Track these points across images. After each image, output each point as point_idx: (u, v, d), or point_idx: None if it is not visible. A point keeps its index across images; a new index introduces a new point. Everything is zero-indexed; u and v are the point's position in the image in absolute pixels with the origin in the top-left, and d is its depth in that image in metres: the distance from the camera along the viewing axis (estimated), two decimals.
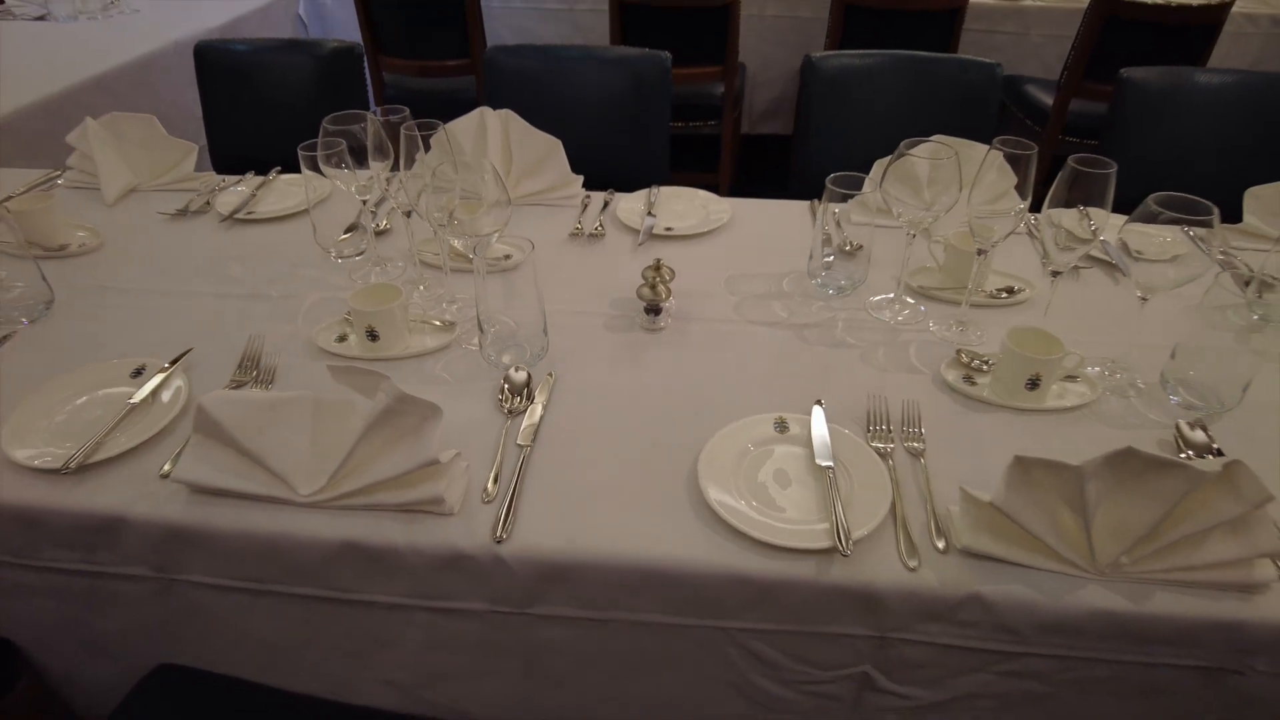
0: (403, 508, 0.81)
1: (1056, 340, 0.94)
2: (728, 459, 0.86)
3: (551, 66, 1.81)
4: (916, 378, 1.00)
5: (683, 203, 1.41)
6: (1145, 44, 2.53)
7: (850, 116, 1.77)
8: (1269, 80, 1.72)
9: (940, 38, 2.61)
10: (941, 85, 1.78)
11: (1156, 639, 0.75)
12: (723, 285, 1.19)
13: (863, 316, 1.12)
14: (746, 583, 0.77)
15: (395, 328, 1.04)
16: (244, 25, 2.78)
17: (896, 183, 1.13)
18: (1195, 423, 0.92)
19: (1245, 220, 1.32)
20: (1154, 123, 1.73)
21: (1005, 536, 0.75)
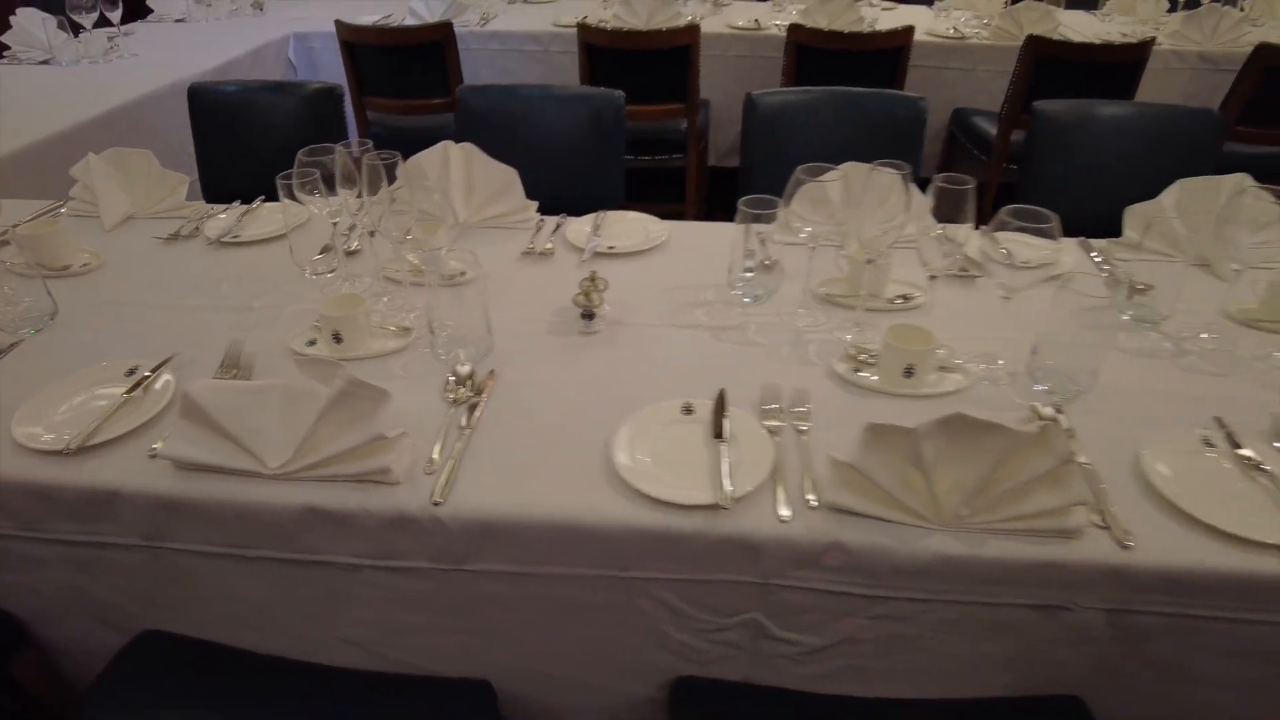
0: (355, 477, 0.95)
1: (930, 335, 1.09)
2: (638, 434, 1.00)
3: (515, 105, 1.98)
4: (812, 370, 1.15)
5: (626, 225, 1.56)
6: (1078, 79, 2.73)
7: (790, 148, 1.94)
8: (1165, 111, 1.90)
9: (888, 74, 2.79)
10: (874, 118, 1.95)
11: (994, 580, 0.89)
12: (654, 295, 1.34)
13: (773, 321, 1.27)
14: (647, 535, 0.90)
15: (358, 332, 1.18)
16: (236, 67, 2.96)
17: (807, 204, 1.29)
18: (1053, 405, 1.07)
19: (1125, 234, 1.47)
20: (1065, 150, 1.90)
21: (863, 493, 0.89)
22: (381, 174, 1.25)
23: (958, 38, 3.11)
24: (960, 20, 3.33)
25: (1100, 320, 1.25)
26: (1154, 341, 1.25)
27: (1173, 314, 1.27)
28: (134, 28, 3.31)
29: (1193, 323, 1.27)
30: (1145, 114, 1.91)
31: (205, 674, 1.08)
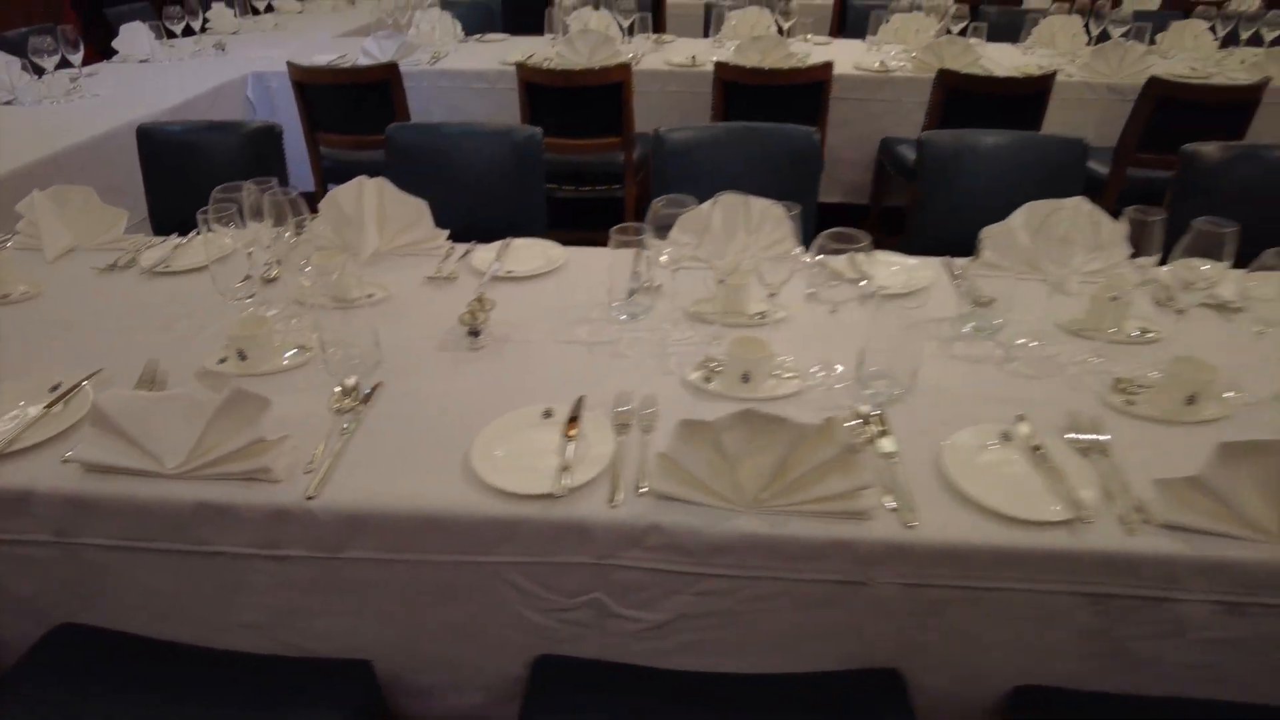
0: (240, 475, 1.07)
1: (764, 345, 1.23)
2: (498, 435, 1.13)
3: (440, 141, 2.12)
4: (669, 379, 1.28)
5: (529, 251, 1.70)
6: (989, 109, 2.90)
7: (695, 181, 2.07)
8: (1037, 139, 2.06)
9: (811, 107, 2.96)
10: (773, 151, 2.10)
11: (794, 556, 1.01)
12: (542, 314, 1.47)
13: (645, 337, 1.40)
14: (494, 522, 1.03)
15: (261, 350, 1.31)
16: (195, 106, 3.10)
17: (687, 233, 1.43)
18: (875, 405, 1.20)
19: (982, 255, 1.62)
20: (950, 176, 2.06)
21: (680, 480, 1.02)
22: (286, 209, 1.38)
23: (883, 71, 3.29)
24: (890, 54, 3.51)
25: (936, 331, 1.39)
26: (987, 349, 1.38)
27: (1008, 324, 1.41)
28: (98, 68, 3.45)
29: (1026, 332, 1.41)
30: (1021, 142, 2.07)
31: (114, 662, 1.19)
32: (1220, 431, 1.17)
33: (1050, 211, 1.60)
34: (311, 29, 4.40)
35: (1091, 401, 1.24)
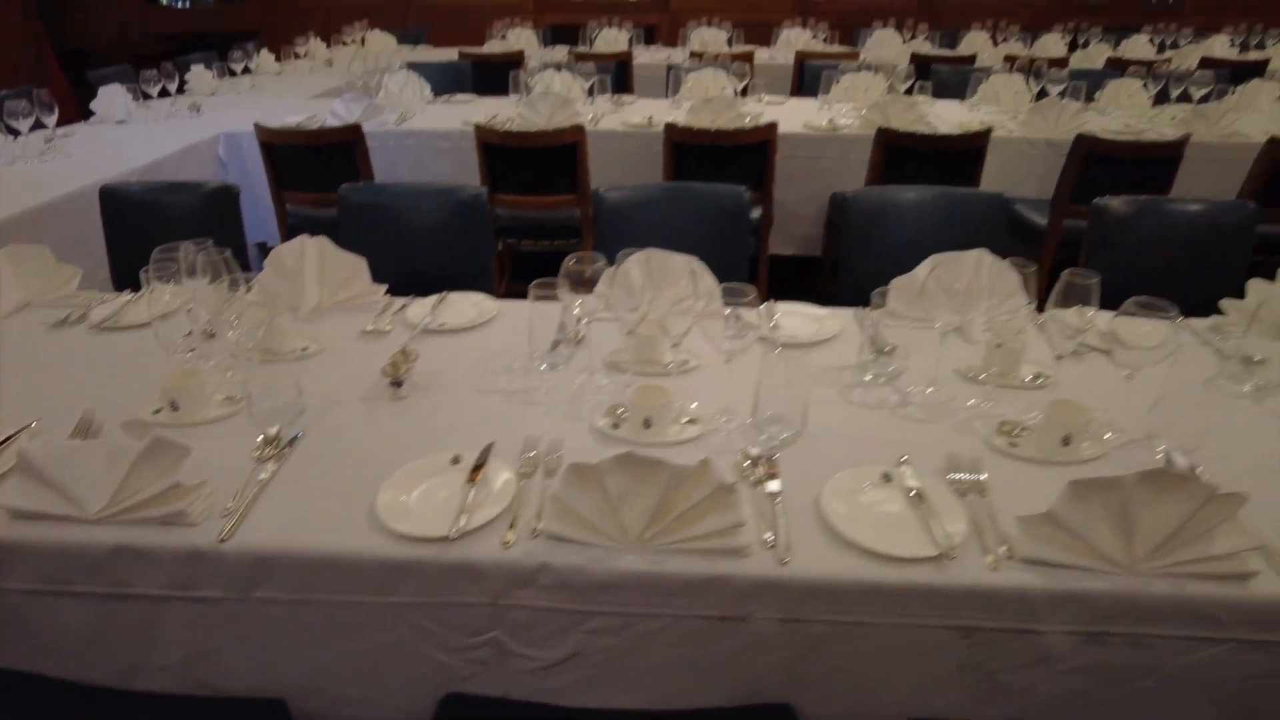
0: (159, 519, 1.13)
1: (665, 392, 1.30)
2: (405, 481, 1.19)
3: (390, 199, 2.22)
4: (578, 426, 1.35)
5: (463, 304, 1.78)
6: (929, 165, 3.03)
7: (631, 237, 2.17)
8: (960, 194, 2.17)
9: (758, 166, 3.09)
10: (706, 208, 2.20)
11: (676, 593, 1.07)
12: (467, 365, 1.55)
13: (562, 386, 1.47)
14: (393, 565, 1.09)
15: (192, 400, 1.37)
16: (165, 166, 3.20)
17: (614, 287, 1.52)
18: (768, 448, 1.27)
19: (889, 304, 1.71)
20: (874, 230, 2.16)
21: (571, 521, 1.08)
22: (221, 268, 1.46)
23: (831, 129, 3.43)
24: (840, 112, 3.66)
25: (838, 378, 1.47)
26: (884, 395, 1.46)
27: (907, 371, 1.49)
28: (75, 129, 3.57)
29: (923, 379, 1.49)
30: (943, 197, 2.18)
31: (31, 705, 1.23)
32: (1095, 470, 1.24)
33: (956, 263, 1.69)
34: (287, 90, 4.55)
35: (977, 444, 1.32)
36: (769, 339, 1.63)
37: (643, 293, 1.63)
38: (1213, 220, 2.14)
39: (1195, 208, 2.16)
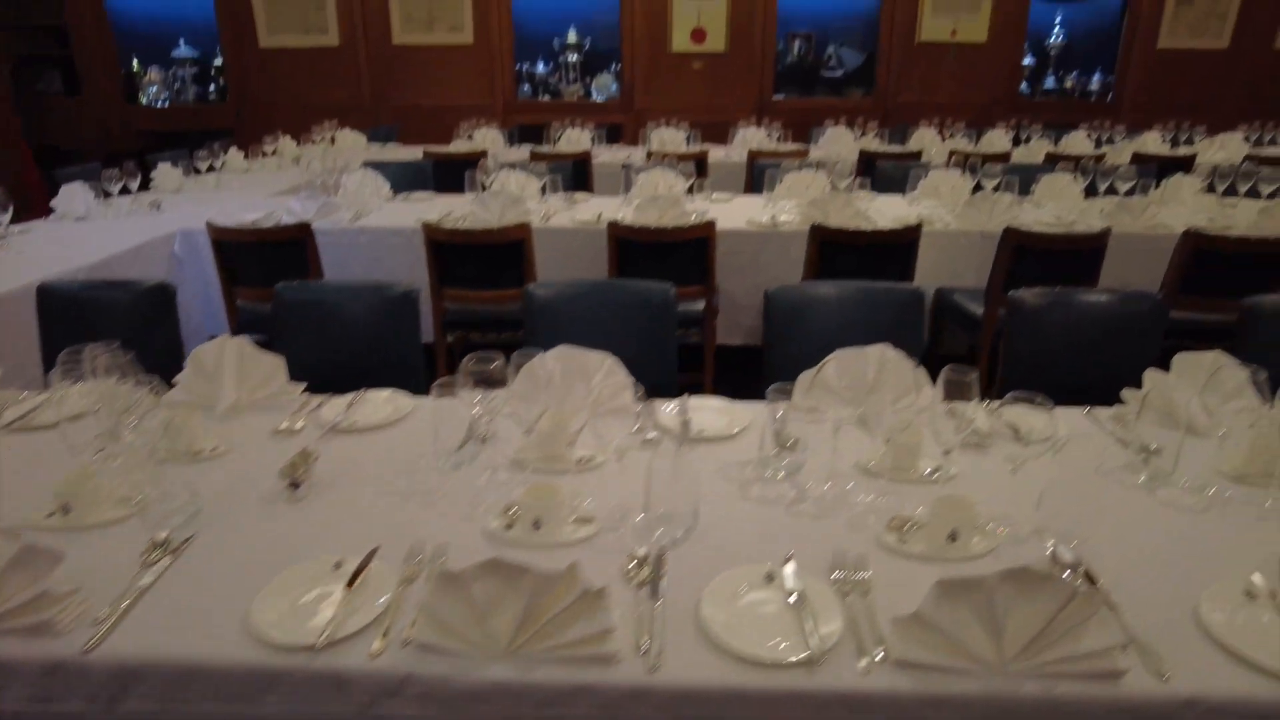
0: (23, 629, 1.10)
1: (558, 491, 1.31)
2: (284, 586, 1.18)
3: (324, 296, 2.26)
4: (472, 527, 1.35)
5: (377, 403, 1.79)
6: (862, 260, 3.12)
7: (561, 332, 2.21)
8: (879, 289, 2.23)
9: (698, 261, 3.17)
10: (629, 306, 2.25)
11: (545, 702, 1.06)
12: (372, 465, 1.55)
13: (464, 485, 1.48)
14: (259, 673, 1.07)
15: (86, 503, 1.37)
16: (118, 262, 3.23)
17: (524, 386, 1.55)
18: (657, 548, 1.27)
19: (794, 399, 1.73)
20: (796, 327, 2.21)
21: (441, 629, 1.07)
22: (129, 370, 1.48)
23: (772, 226, 3.54)
24: (784, 209, 3.78)
25: (739, 474, 1.49)
26: (783, 490, 1.47)
27: (809, 466, 1.51)
28: (32, 226, 3.62)
29: (823, 473, 1.50)
30: (862, 292, 2.24)
31: None
32: (982, 566, 1.25)
33: (859, 358, 1.73)
34: (251, 188, 4.65)
35: (867, 540, 1.33)
36: (668, 435, 1.64)
37: (551, 390, 1.65)
38: (1121, 310, 2.21)
39: (1104, 298, 2.23)
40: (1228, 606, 1.16)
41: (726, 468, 1.55)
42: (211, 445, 1.61)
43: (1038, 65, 8.06)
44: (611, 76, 7.76)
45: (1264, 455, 1.52)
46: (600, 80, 7.82)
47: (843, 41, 7.91)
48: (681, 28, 7.33)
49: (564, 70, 7.76)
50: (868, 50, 7.76)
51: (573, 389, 1.70)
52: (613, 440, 1.45)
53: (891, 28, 7.43)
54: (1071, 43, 8.01)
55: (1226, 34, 7.48)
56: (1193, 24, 7.46)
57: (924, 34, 7.44)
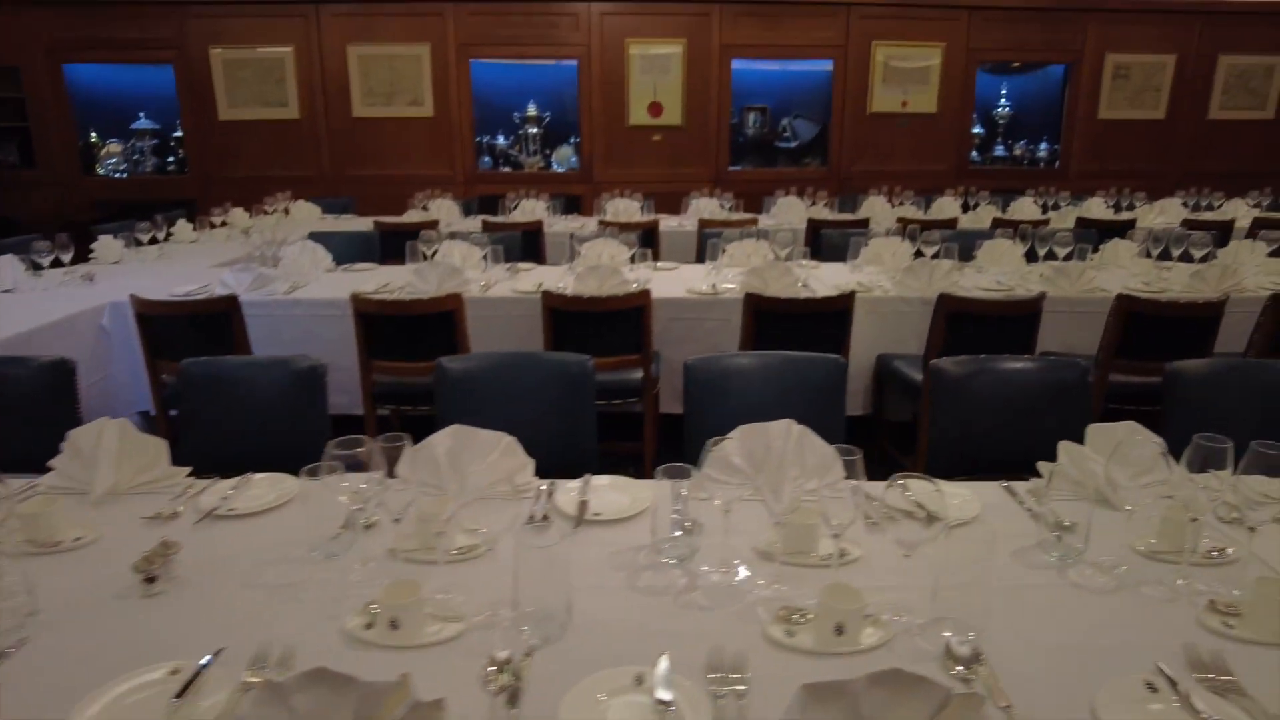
0: None
1: (416, 587, 1.23)
2: (112, 698, 1.08)
3: (227, 372, 2.19)
4: (332, 625, 1.26)
5: (264, 487, 1.71)
6: (796, 329, 3.10)
7: (473, 408, 2.15)
8: (799, 359, 2.19)
9: (634, 330, 3.13)
10: (550, 376, 2.20)
11: None
12: (243, 554, 1.46)
13: (331, 581, 1.38)
14: None
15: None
16: (41, 335, 3.14)
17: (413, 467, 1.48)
18: (525, 648, 1.19)
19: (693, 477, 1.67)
20: (716, 398, 2.16)
21: None
22: None
23: (712, 294, 3.53)
24: (726, 277, 3.78)
25: (632, 560, 1.41)
26: (675, 578, 1.40)
27: (708, 550, 1.43)
28: None
29: (721, 559, 1.43)
30: (783, 362, 2.20)
31: None
32: (870, 660, 1.18)
33: (762, 434, 1.68)
34: (195, 259, 4.59)
35: (753, 634, 1.25)
36: (560, 518, 1.57)
37: (440, 473, 1.58)
38: (1047, 378, 2.18)
39: (1029, 365, 2.21)
40: (1127, 702, 1.10)
41: (619, 554, 1.47)
42: (75, 535, 1.52)
43: (987, 134, 8.29)
44: (571, 148, 7.87)
45: (1174, 531, 1.47)
46: (561, 152, 7.93)
47: (797, 114, 8.10)
48: (638, 102, 7.48)
49: (524, 142, 7.87)
50: (822, 122, 7.94)
51: (466, 471, 1.62)
52: (494, 527, 1.37)
53: (843, 100, 7.63)
54: (1018, 113, 8.26)
55: (1163, 106, 7.77)
56: (1130, 96, 7.74)
57: (875, 105, 7.64)
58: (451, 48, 7.28)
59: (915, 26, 7.50)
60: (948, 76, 7.60)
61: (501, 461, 1.64)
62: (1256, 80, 7.75)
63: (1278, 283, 3.73)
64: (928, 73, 7.61)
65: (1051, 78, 8.10)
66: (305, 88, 7.27)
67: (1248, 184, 6.76)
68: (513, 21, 7.25)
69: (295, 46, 7.17)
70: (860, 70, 7.54)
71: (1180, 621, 1.29)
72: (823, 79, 7.73)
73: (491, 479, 1.62)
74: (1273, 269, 4.00)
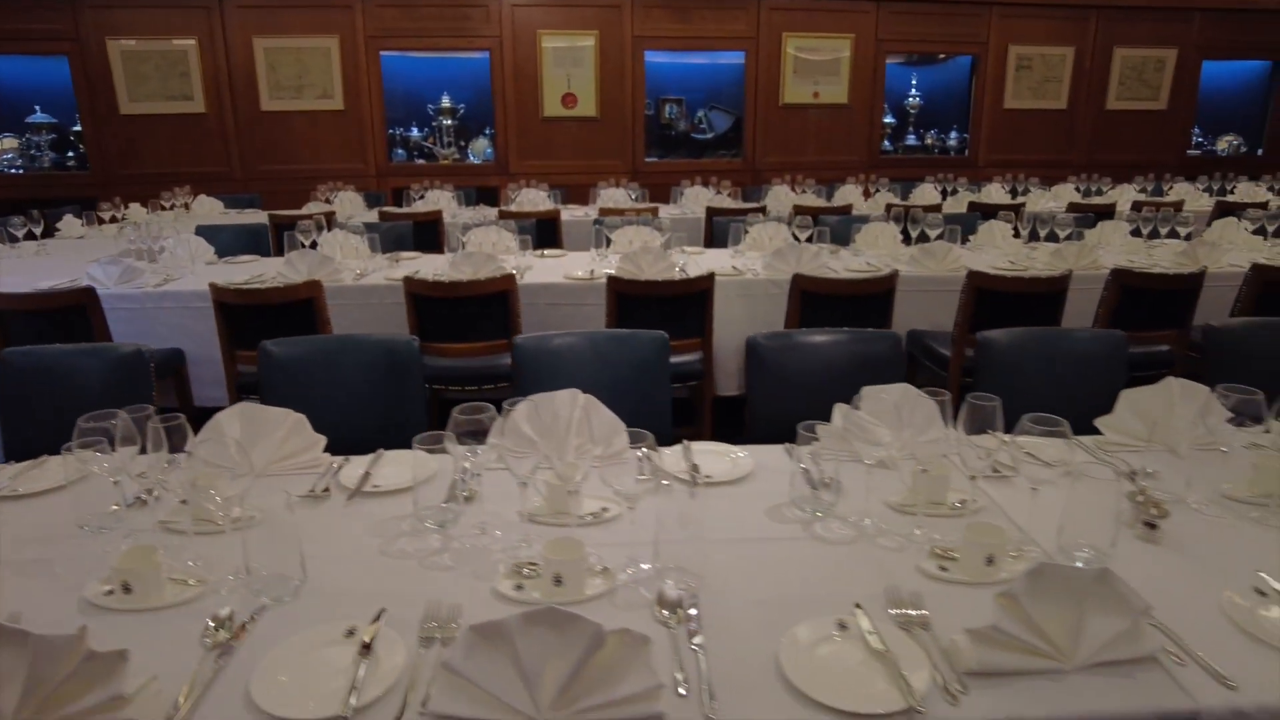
0: None
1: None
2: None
3: (47, 362, 2.17)
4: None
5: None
6: (656, 310, 3.16)
7: (304, 391, 2.16)
8: (623, 336, 2.24)
9: (503, 314, 3.16)
10: (375, 357, 2.22)
11: None
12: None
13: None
14: None
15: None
16: None
17: None
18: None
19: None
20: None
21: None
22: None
23: (588, 279, 3.57)
24: (610, 263, 3.79)
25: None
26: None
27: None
28: None
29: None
30: (609, 339, 2.27)
31: None
32: (591, 610, 1.22)
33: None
34: (75, 254, 4.48)
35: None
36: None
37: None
38: (855, 350, 2.27)
39: (836, 338, 2.29)
40: (812, 639, 1.16)
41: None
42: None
43: (899, 124, 8.47)
44: (487, 140, 7.85)
45: (925, 485, 1.54)
46: (476, 144, 7.90)
47: (713, 105, 8.18)
48: (552, 94, 7.49)
49: (439, 135, 7.82)
50: (736, 114, 8.04)
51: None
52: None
53: (756, 91, 7.73)
54: (929, 103, 8.45)
55: (1064, 96, 8.02)
56: (1034, 87, 7.97)
57: (787, 96, 7.76)
58: (361, 40, 7.20)
59: (825, 18, 7.62)
60: (858, 68, 7.74)
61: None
62: (1149, 72, 8.04)
63: (1133, 260, 3.91)
64: (838, 64, 7.74)
65: (960, 69, 8.30)
66: (210, 81, 7.13)
67: (1149, 171, 7.03)
68: (423, 13, 7.20)
69: (199, 38, 7.02)
70: (771, 62, 7.65)
71: (903, 568, 1.36)
72: (735, 70, 7.82)
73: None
74: (1134, 248, 4.18)
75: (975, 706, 1.02)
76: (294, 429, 1.68)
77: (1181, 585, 1.29)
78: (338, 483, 1.65)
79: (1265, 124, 8.66)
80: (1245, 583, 1.27)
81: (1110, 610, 1.09)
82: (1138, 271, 3.33)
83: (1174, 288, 3.29)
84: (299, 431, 1.69)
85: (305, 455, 1.68)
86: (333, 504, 1.58)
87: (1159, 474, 1.64)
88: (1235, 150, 8.69)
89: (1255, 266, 3.35)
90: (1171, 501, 1.53)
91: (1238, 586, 1.26)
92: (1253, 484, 1.57)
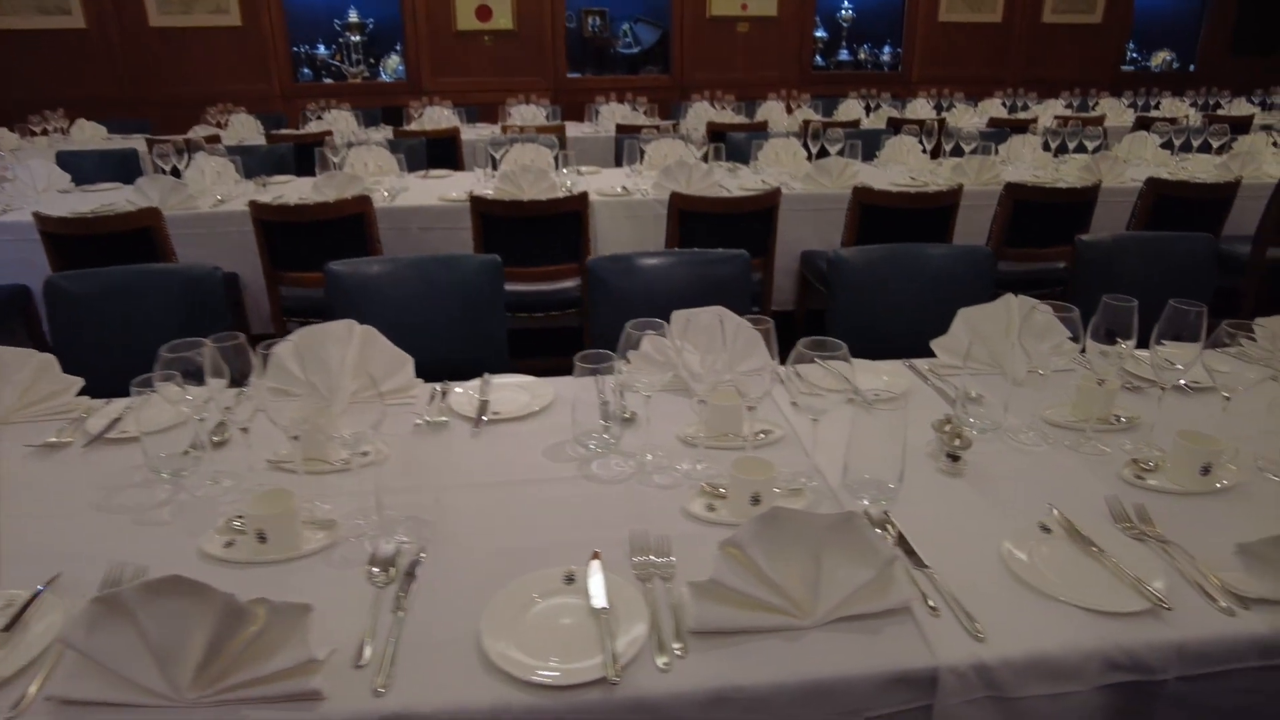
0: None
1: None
2: None
3: None
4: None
5: None
6: (525, 227, 2.98)
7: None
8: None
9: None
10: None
11: None
12: None
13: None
14: None
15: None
16: None
17: None
18: None
19: None
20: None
21: None
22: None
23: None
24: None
25: None
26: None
27: None
28: None
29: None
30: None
31: None
32: None
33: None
34: None
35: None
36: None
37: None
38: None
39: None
40: None
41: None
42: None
43: (831, 38, 8.16)
44: (399, 57, 7.41)
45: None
46: (388, 62, 7.47)
47: (638, 18, 7.80)
48: (465, 5, 7.06)
49: (346, 52, 7.37)
50: (663, 27, 7.67)
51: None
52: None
53: (682, 3, 7.36)
54: (862, 16, 8.15)
55: (999, 9, 7.77)
56: None
57: (715, 9, 7.41)
58: None
59: None
60: None
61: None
62: None
63: (1038, 175, 3.79)
64: None
65: None
66: None
67: (1084, 87, 6.88)
68: None
69: None
70: None
71: (668, 510, 1.22)
72: None
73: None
74: (1041, 162, 4.06)
75: (690, 674, 0.89)
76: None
77: (970, 524, 1.18)
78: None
79: (1199, 41, 8.52)
80: (1036, 518, 1.16)
81: (855, 560, 0.97)
82: (1032, 186, 3.20)
83: (1068, 201, 3.17)
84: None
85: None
86: None
87: (984, 398, 1.52)
88: (1168, 66, 8.56)
89: (1150, 180, 3.24)
90: (988, 430, 1.42)
91: (1027, 522, 1.15)
92: (1076, 408, 1.47)
